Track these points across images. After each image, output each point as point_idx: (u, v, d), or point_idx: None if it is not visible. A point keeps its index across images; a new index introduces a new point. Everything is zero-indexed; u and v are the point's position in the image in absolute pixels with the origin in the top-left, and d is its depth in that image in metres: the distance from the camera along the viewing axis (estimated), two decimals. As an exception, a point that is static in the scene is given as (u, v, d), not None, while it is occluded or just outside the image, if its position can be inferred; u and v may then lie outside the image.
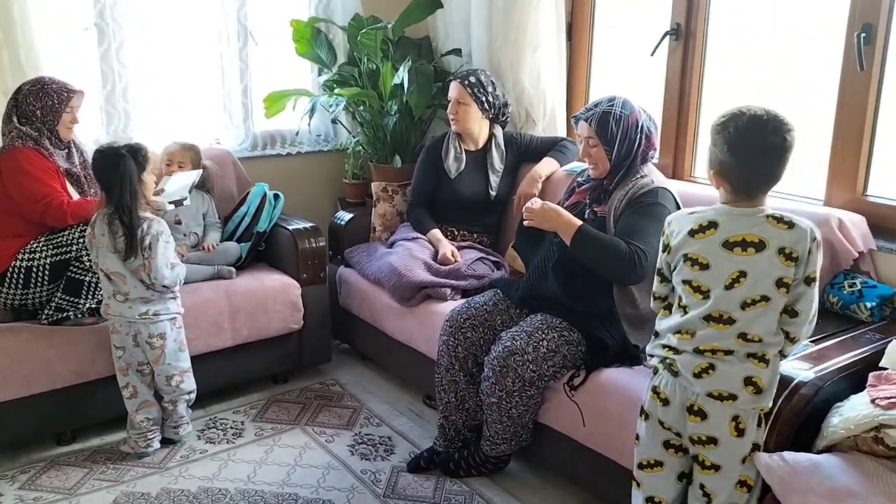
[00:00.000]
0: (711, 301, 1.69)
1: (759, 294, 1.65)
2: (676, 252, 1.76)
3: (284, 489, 2.44)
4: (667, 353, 1.77)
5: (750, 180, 1.67)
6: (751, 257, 1.65)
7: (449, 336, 2.51)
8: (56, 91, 2.65)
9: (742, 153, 1.64)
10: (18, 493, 2.41)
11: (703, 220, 1.71)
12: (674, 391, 1.75)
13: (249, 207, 3.18)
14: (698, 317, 1.71)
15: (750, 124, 1.63)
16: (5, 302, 2.62)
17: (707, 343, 1.69)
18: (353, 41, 3.50)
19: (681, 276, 1.75)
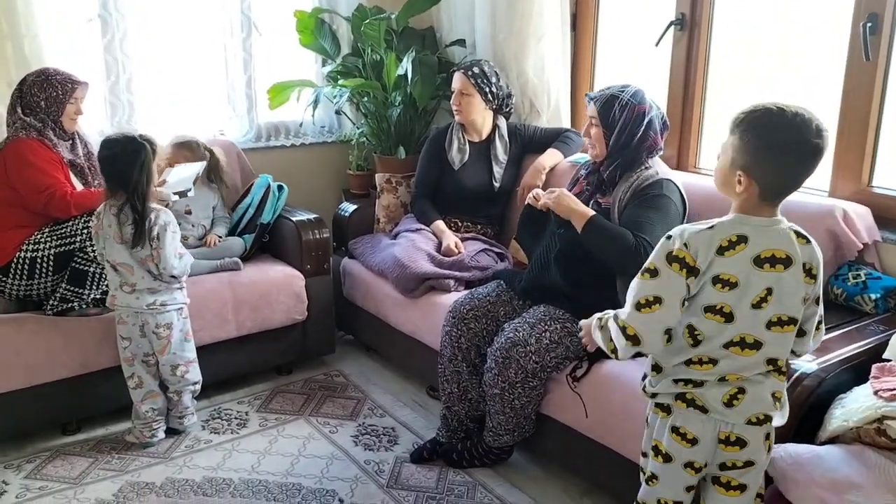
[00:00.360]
0: (735, 324, 1.53)
1: (787, 315, 1.54)
2: (705, 275, 1.53)
3: (288, 479, 2.45)
4: (683, 388, 1.59)
5: (785, 184, 1.52)
6: (779, 274, 1.52)
7: (452, 327, 2.51)
8: (61, 82, 2.65)
9: (783, 153, 1.49)
10: (24, 482, 2.43)
11: (732, 235, 1.52)
12: (703, 429, 1.59)
13: (253, 199, 3.18)
14: (718, 345, 1.55)
15: (794, 123, 1.48)
16: (10, 293, 2.63)
17: (734, 373, 1.56)
18: (356, 32, 3.50)
19: (705, 302, 1.54)
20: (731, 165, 1.55)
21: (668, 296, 1.53)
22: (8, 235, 2.62)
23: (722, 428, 1.59)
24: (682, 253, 1.52)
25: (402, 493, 2.39)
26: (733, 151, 1.54)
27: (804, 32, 2.73)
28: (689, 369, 1.59)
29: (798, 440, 1.72)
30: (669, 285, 1.53)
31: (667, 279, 1.53)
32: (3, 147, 2.63)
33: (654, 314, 1.53)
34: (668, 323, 1.54)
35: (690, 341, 1.57)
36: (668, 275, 1.53)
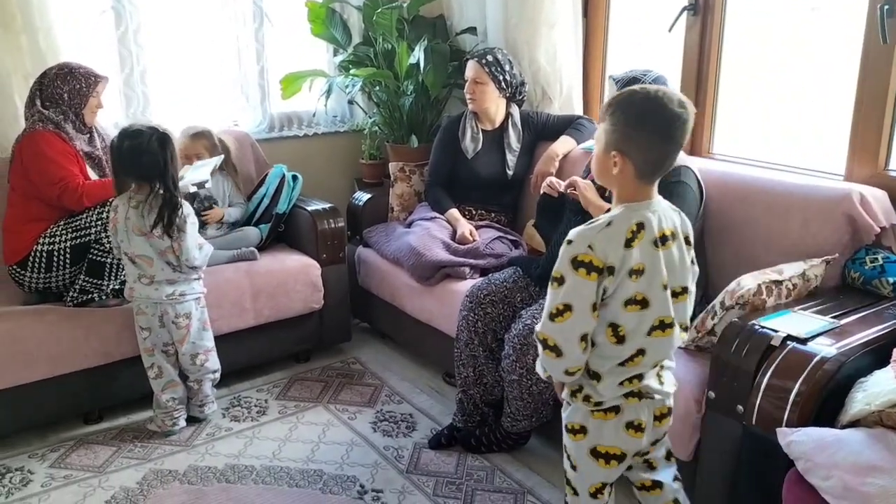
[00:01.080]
0: (651, 309, 1.55)
1: (681, 285, 1.60)
2: (622, 271, 1.52)
3: (309, 465, 2.48)
4: (630, 386, 1.61)
5: (655, 157, 1.54)
6: (670, 250, 1.57)
7: (469, 311, 2.53)
8: (84, 75, 2.67)
9: (648, 124, 1.51)
10: (49, 470, 2.47)
11: (633, 225, 1.53)
12: (648, 414, 1.65)
13: (268, 189, 3.20)
14: (643, 333, 1.56)
15: (656, 97, 1.51)
16: (30, 285, 2.66)
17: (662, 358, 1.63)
18: (368, 21, 3.50)
19: (623, 296, 1.53)
20: (605, 150, 1.57)
21: (578, 301, 1.51)
22: (25, 229, 2.64)
23: (657, 406, 1.65)
24: (587, 257, 1.50)
25: (423, 478, 2.42)
26: (605, 136, 1.56)
27: (815, 19, 2.73)
28: (626, 368, 1.59)
29: (818, 424, 1.73)
30: (578, 291, 1.51)
31: (574, 285, 1.51)
32: (20, 139, 2.65)
33: (567, 322, 1.52)
34: (583, 329, 1.53)
35: (614, 339, 1.56)
36: (575, 281, 1.51)
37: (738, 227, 2.43)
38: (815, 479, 1.63)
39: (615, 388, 1.60)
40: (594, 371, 1.60)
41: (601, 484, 1.70)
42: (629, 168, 1.53)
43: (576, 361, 1.56)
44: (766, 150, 2.84)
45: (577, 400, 1.64)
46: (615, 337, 1.56)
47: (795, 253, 2.26)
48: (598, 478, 1.69)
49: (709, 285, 2.46)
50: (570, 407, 1.68)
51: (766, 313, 2.01)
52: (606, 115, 1.56)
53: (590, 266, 1.49)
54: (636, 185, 1.55)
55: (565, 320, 1.52)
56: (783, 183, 2.41)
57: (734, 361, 1.89)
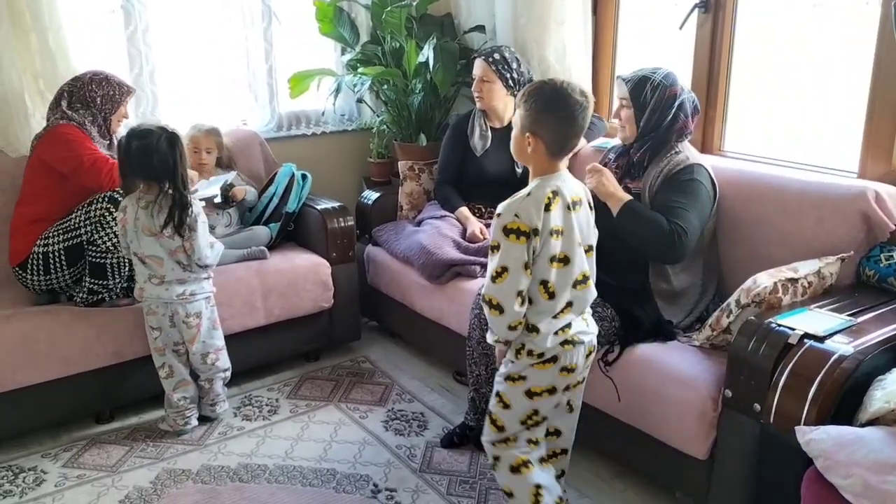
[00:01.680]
0: (572, 265, 1.82)
1: (588, 243, 1.90)
2: (543, 233, 1.76)
3: (322, 464, 2.48)
4: (563, 335, 1.84)
5: (562, 137, 1.80)
6: (579, 213, 1.84)
7: (480, 310, 2.52)
8: (118, 83, 2.73)
9: (555, 110, 1.79)
10: (62, 470, 2.47)
11: (549, 193, 1.77)
12: (580, 354, 1.89)
13: (277, 188, 3.19)
14: (568, 286, 1.82)
15: (561, 87, 1.80)
16: (33, 287, 2.66)
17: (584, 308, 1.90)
18: (376, 20, 3.49)
19: (549, 254, 1.78)
20: (521, 132, 1.84)
21: (513, 263, 1.76)
22: (28, 230, 2.65)
23: (588, 346, 1.91)
24: (515, 224, 1.75)
25: (436, 476, 2.42)
26: (521, 120, 1.84)
27: (817, 17, 2.73)
28: (558, 319, 1.83)
29: (836, 422, 1.73)
30: (511, 254, 1.76)
31: (507, 249, 1.76)
32: (41, 135, 2.66)
33: (506, 282, 1.76)
34: (519, 286, 1.77)
35: (546, 295, 1.81)
36: (508, 246, 1.76)
37: (751, 225, 2.43)
38: (834, 478, 1.63)
39: (552, 338, 1.83)
40: (533, 325, 1.82)
41: (533, 411, 1.90)
42: (541, 147, 1.81)
43: (515, 316, 1.79)
44: (775, 147, 2.84)
45: (521, 357, 1.86)
46: (547, 293, 1.81)
47: (809, 251, 2.26)
48: (530, 408, 1.90)
49: (722, 283, 2.45)
50: (513, 363, 1.89)
51: (782, 311, 2.01)
52: (521, 103, 1.83)
53: (518, 231, 1.75)
54: (548, 160, 1.83)
55: (504, 280, 1.77)
56: (797, 181, 2.40)
57: (751, 359, 1.89)
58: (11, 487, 2.38)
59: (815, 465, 1.67)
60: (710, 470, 2.05)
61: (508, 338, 1.85)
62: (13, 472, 2.46)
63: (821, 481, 1.66)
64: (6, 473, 2.45)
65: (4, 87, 2.80)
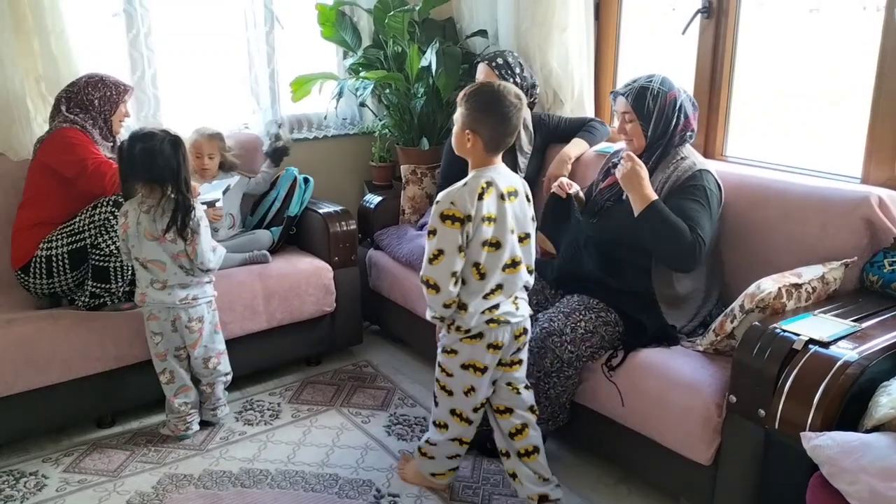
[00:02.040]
0: (503, 249, 2.02)
1: (525, 231, 2.09)
2: (476, 218, 1.96)
3: (324, 469, 2.47)
4: (490, 314, 2.05)
5: (498, 134, 2.01)
6: (513, 203, 2.04)
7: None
8: (114, 83, 2.72)
9: (492, 109, 1.99)
10: (63, 475, 2.46)
11: (483, 183, 1.98)
12: (508, 334, 2.09)
13: (279, 192, 3.19)
14: (498, 269, 2.02)
15: (498, 90, 2.01)
16: (35, 291, 2.66)
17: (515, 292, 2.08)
18: (379, 24, 3.49)
19: (482, 238, 1.98)
20: (461, 129, 2.04)
21: (448, 246, 1.96)
22: (27, 235, 2.65)
23: (515, 328, 2.09)
24: (451, 211, 1.96)
25: (439, 482, 2.41)
26: (461, 119, 2.04)
27: (815, 25, 2.75)
28: (487, 300, 2.03)
29: (841, 429, 1.73)
30: (447, 238, 1.96)
31: (443, 234, 1.96)
32: (43, 139, 2.66)
33: (441, 264, 1.97)
34: (453, 268, 1.97)
35: (478, 276, 2.02)
36: (444, 230, 1.96)
37: (754, 230, 2.43)
38: (840, 484, 1.62)
39: (478, 317, 2.04)
40: (463, 303, 2.03)
41: (470, 387, 2.13)
42: (479, 143, 2.02)
43: (450, 295, 1.99)
44: (778, 152, 2.84)
45: (451, 331, 2.09)
46: (478, 274, 2.01)
47: (813, 256, 2.26)
48: (468, 382, 2.13)
49: (725, 288, 2.45)
50: (447, 336, 2.11)
51: (786, 317, 2.01)
52: (462, 103, 2.04)
53: (454, 218, 1.95)
54: (485, 155, 2.04)
55: (440, 262, 1.97)
56: (800, 186, 2.40)
57: (756, 365, 1.88)
58: (12, 492, 2.37)
59: (821, 471, 1.67)
60: (714, 476, 2.04)
61: (444, 314, 2.04)
62: (14, 476, 2.45)
63: (826, 488, 1.66)
64: (7, 478, 2.44)
65: (6, 90, 2.80)
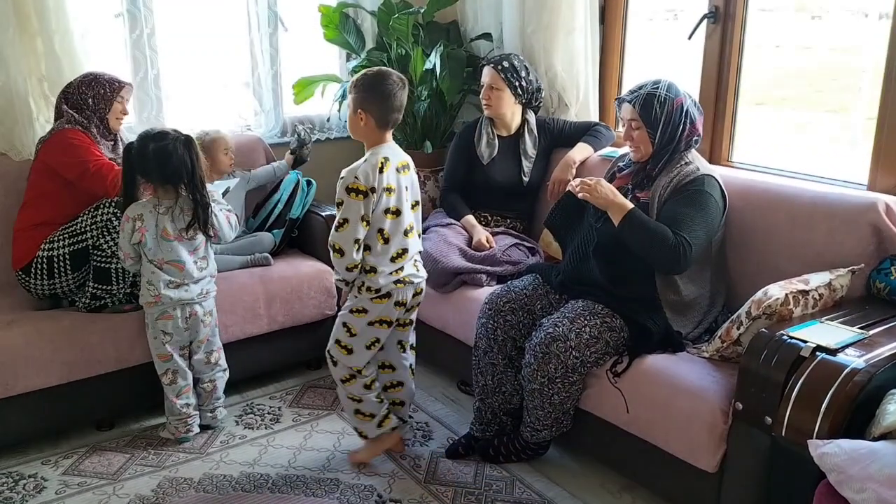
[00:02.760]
0: (403, 217, 2.29)
1: (415, 199, 2.39)
2: (378, 190, 2.22)
3: (325, 474, 2.46)
4: (397, 275, 2.30)
5: (386, 111, 2.25)
6: (407, 175, 2.32)
7: (488, 319, 2.50)
8: (108, 80, 2.69)
9: (378, 88, 2.23)
10: (63, 478, 2.44)
11: (381, 159, 2.24)
12: (410, 293, 2.37)
13: (283, 195, 3.17)
14: (400, 234, 2.29)
15: (381, 72, 2.27)
16: (36, 292, 2.64)
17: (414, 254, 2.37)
18: (383, 26, 3.48)
19: (383, 207, 2.24)
20: (354, 111, 2.28)
21: (352, 216, 2.21)
22: (32, 234, 2.63)
23: (416, 287, 2.38)
24: (355, 185, 2.20)
25: (441, 487, 2.39)
26: (352, 102, 2.27)
27: (818, 32, 2.74)
28: (395, 263, 2.30)
29: (848, 436, 1.71)
30: (351, 209, 2.21)
31: (349, 205, 2.21)
32: (45, 139, 2.65)
33: (346, 231, 2.22)
34: (356, 235, 2.22)
35: (382, 241, 2.28)
36: (349, 202, 2.21)
37: (760, 236, 2.42)
38: (847, 492, 1.61)
39: (387, 277, 2.29)
40: (371, 266, 2.28)
41: (375, 338, 2.36)
42: (371, 121, 2.26)
43: (352, 259, 2.25)
44: (784, 158, 2.83)
45: (361, 293, 2.32)
46: (383, 239, 2.28)
47: (819, 263, 2.25)
48: (374, 335, 2.36)
49: (731, 295, 2.44)
50: (356, 298, 2.34)
51: (793, 323, 1.99)
52: (351, 89, 2.28)
53: (357, 191, 2.20)
54: (377, 133, 2.29)
55: (345, 230, 2.23)
56: (807, 192, 2.39)
57: (763, 372, 1.87)
58: (11, 494, 2.35)
59: (828, 479, 1.66)
60: (720, 483, 2.02)
61: (347, 278, 2.30)
62: (13, 478, 2.43)
63: (833, 496, 1.65)
64: (6, 480, 2.42)
65: (10, 90, 2.79)
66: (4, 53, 2.75)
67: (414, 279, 2.36)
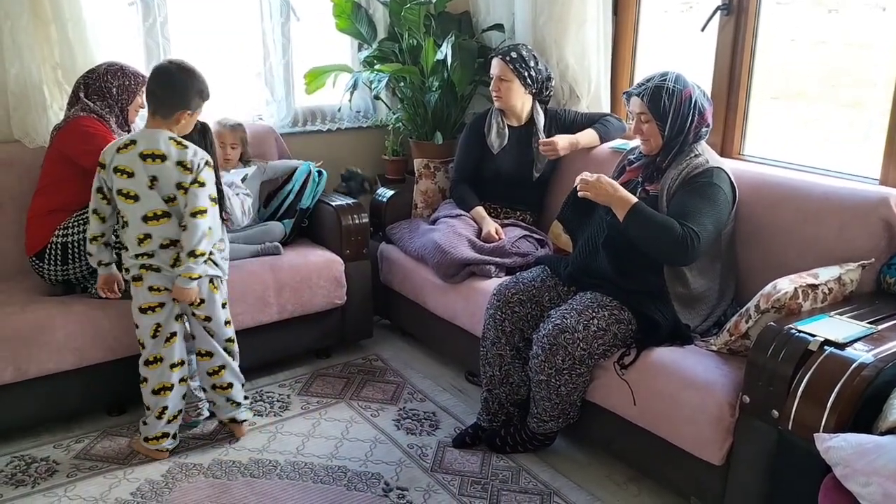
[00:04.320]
0: (141, 203, 2.30)
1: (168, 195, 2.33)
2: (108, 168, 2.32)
3: (333, 462, 2.47)
4: (142, 260, 2.35)
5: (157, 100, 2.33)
6: (158, 165, 2.30)
7: (496, 310, 2.51)
8: (132, 73, 2.73)
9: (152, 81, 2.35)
10: (74, 461, 2.47)
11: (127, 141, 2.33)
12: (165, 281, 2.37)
13: (295, 185, 3.19)
14: (139, 220, 2.32)
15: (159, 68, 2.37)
16: (49, 277, 2.66)
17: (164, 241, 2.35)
18: (395, 16, 3.48)
19: (116, 188, 2.33)
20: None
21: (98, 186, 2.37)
22: (46, 220, 2.65)
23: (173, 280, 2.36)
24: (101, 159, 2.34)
25: (447, 476, 2.41)
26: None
27: (835, 26, 2.72)
28: (141, 247, 2.34)
29: (855, 430, 1.71)
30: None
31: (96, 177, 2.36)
32: (60, 126, 2.67)
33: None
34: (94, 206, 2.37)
35: (121, 224, 2.36)
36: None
37: (770, 230, 2.41)
38: (853, 486, 1.61)
39: (133, 260, 2.35)
40: (124, 244, 2.38)
41: (155, 325, 2.40)
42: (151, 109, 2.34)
43: (96, 231, 2.39)
44: (796, 152, 2.82)
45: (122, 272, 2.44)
46: (122, 222, 2.35)
47: (829, 257, 2.24)
48: (151, 321, 2.40)
49: (740, 288, 2.43)
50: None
51: (801, 317, 1.99)
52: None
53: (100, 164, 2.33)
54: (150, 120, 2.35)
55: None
56: (818, 186, 2.38)
57: (770, 366, 1.87)
58: (24, 477, 2.38)
59: (834, 472, 1.66)
60: (726, 476, 2.03)
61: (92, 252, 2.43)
62: (25, 461, 2.46)
63: (839, 489, 1.65)
64: (19, 463, 2.45)
65: (23, 77, 2.81)
66: (18, 41, 2.77)
67: (163, 269, 2.36)
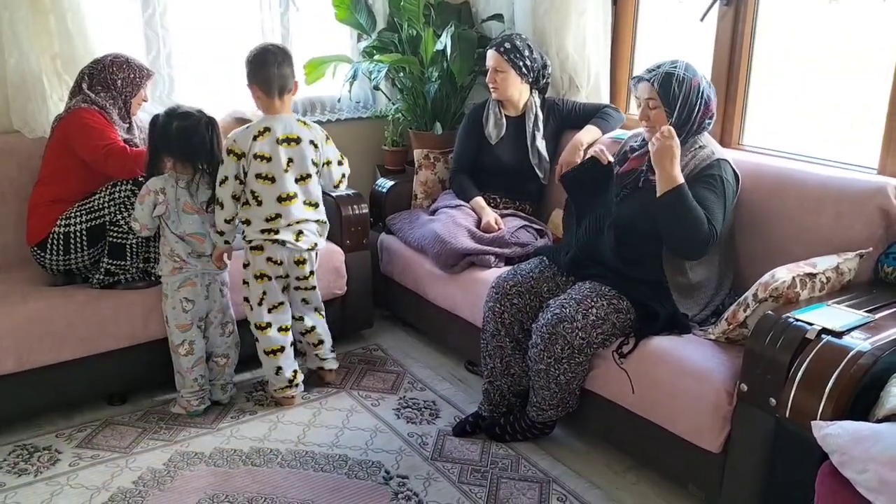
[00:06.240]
0: (277, 184, 2.56)
1: (302, 173, 2.62)
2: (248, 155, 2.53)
3: (334, 450, 2.49)
4: (266, 235, 2.58)
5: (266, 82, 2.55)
6: (292, 148, 2.57)
7: (495, 302, 2.52)
8: (138, 66, 2.74)
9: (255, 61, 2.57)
10: (76, 450, 2.48)
11: (261, 128, 2.55)
12: (285, 255, 2.62)
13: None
14: (273, 200, 2.56)
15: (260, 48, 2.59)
16: (51, 267, 2.67)
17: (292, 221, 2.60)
18: (394, 6, 3.48)
19: (255, 173, 2.54)
20: (249, 86, 2.59)
21: (230, 174, 2.54)
22: (47, 210, 2.65)
23: (295, 255, 2.63)
24: (232, 147, 2.53)
25: (447, 465, 2.42)
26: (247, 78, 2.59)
27: (834, 15, 2.72)
28: (269, 224, 2.57)
29: (852, 418, 1.72)
30: (228, 167, 2.53)
31: (227, 164, 2.54)
32: (61, 117, 2.67)
33: (225, 187, 2.54)
34: (232, 191, 2.55)
35: (256, 203, 2.56)
36: (227, 161, 2.53)
37: (769, 219, 2.42)
38: (850, 473, 1.62)
39: (258, 233, 2.58)
40: (247, 219, 2.59)
41: (263, 292, 2.64)
42: (260, 93, 2.57)
43: (230, 213, 2.57)
44: (794, 142, 2.82)
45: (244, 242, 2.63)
46: (256, 201, 2.56)
47: (828, 246, 2.25)
48: (260, 289, 2.64)
49: (738, 277, 2.44)
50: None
51: (799, 306, 2.00)
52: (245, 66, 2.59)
53: (231, 152, 2.53)
54: (267, 102, 2.58)
55: (226, 185, 2.54)
56: (816, 175, 2.39)
57: (768, 354, 1.88)
58: (26, 466, 2.40)
59: (831, 459, 1.67)
60: (724, 464, 2.04)
61: (224, 229, 2.58)
62: (28, 451, 2.48)
63: (836, 476, 1.66)
64: (21, 453, 2.47)
65: (23, 67, 2.81)
66: (17, 31, 2.76)
67: (288, 244, 2.58)
